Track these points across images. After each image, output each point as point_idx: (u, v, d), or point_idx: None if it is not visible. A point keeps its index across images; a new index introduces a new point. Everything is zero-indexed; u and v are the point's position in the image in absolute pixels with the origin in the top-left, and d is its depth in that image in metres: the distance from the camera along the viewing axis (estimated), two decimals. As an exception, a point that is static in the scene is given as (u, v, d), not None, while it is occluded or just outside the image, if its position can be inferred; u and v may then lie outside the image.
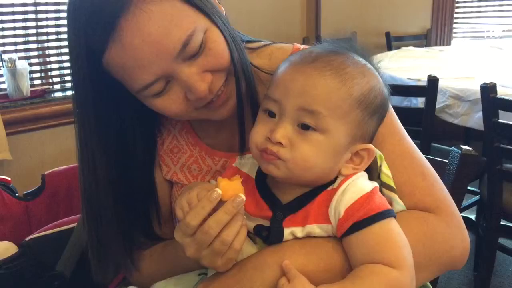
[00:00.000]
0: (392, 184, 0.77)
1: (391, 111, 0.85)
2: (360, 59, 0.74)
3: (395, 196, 0.77)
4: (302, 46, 0.90)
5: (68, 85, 2.95)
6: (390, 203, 0.75)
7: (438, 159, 1.04)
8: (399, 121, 0.87)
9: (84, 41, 0.71)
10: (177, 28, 0.70)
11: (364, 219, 0.67)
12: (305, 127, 0.69)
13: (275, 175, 0.71)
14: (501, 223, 2.12)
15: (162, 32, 0.69)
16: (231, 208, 0.67)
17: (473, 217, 2.60)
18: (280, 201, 0.74)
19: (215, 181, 0.77)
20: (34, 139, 2.65)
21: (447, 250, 0.79)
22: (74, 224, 1.30)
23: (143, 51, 0.69)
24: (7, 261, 1.27)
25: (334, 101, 0.68)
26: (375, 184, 0.72)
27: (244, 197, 0.68)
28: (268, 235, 0.73)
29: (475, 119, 2.27)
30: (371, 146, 0.73)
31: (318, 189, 0.72)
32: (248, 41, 0.93)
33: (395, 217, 0.70)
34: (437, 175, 0.84)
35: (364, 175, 0.74)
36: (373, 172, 0.76)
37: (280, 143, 0.68)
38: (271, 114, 0.71)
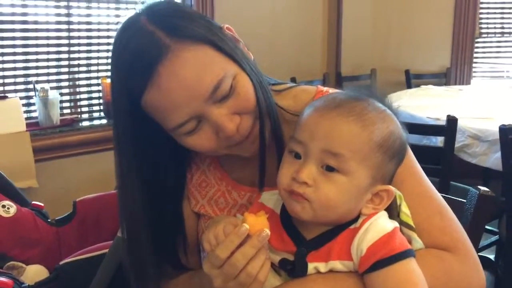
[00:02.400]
0: (411, 223, 0.80)
1: (410, 152, 0.88)
2: (380, 105, 0.78)
3: (414, 235, 0.80)
4: (325, 89, 0.94)
5: (96, 115, 3.05)
6: (409, 241, 0.78)
7: (457, 198, 1.05)
8: (417, 162, 0.90)
9: (125, 83, 0.78)
10: (209, 74, 0.75)
11: (385, 258, 0.70)
12: (329, 168, 0.72)
13: (300, 215, 0.74)
14: (520, 264, 2.11)
15: (195, 77, 0.75)
16: (256, 242, 0.70)
17: (492, 257, 2.57)
18: (304, 237, 0.77)
19: (241, 215, 0.81)
20: (62, 166, 2.73)
21: None
22: (105, 250, 1.34)
23: (178, 94, 0.75)
24: (41, 283, 1.32)
25: (356, 145, 0.72)
26: (396, 224, 0.76)
27: (269, 232, 0.71)
28: (292, 269, 0.76)
29: (493, 159, 2.28)
30: (390, 187, 0.77)
31: (341, 227, 0.76)
32: (274, 84, 0.98)
33: (414, 256, 0.73)
34: (454, 215, 0.87)
35: (385, 214, 0.77)
36: (393, 211, 0.79)
37: (306, 183, 0.72)
38: (297, 156, 0.75)
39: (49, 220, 1.73)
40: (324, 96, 0.84)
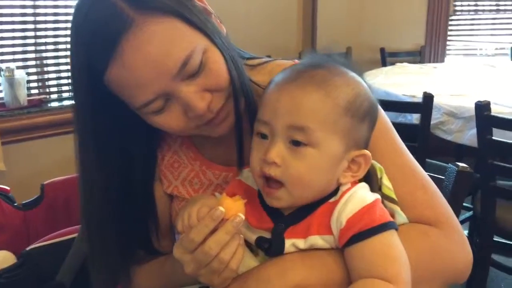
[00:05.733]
0: (394, 196, 0.78)
1: (390, 125, 0.86)
2: (343, 68, 0.74)
3: (397, 208, 0.78)
4: None
5: (65, 95, 2.97)
6: (392, 215, 0.75)
7: (435, 175, 1.05)
8: (397, 135, 0.88)
9: (86, 59, 0.72)
10: (176, 48, 0.71)
11: (364, 230, 0.68)
12: (296, 143, 0.69)
13: (279, 207, 0.73)
14: (494, 239, 2.14)
15: (162, 51, 0.70)
16: (231, 228, 0.68)
17: (466, 233, 2.61)
18: (282, 212, 0.74)
19: (219, 194, 0.78)
20: (30, 149, 2.66)
21: (450, 264, 0.80)
22: (75, 235, 1.30)
23: (143, 70, 0.70)
24: (8, 270, 1.27)
25: (321, 115, 0.69)
26: (377, 196, 0.73)
27: (243, 217, 0.69)
28: (269, 247, 0.74)
29: (468, 136, 2.29)
30: (366, 151, 0.73)
31: (320, 200, 0.73)
32: (248, 58, 0.94)
33: (396, 229, 0.71)
34: (437, 188, 0.85)
35: (366, 186, 0.75)
36: (373, 184, 0.77)
37: (275, 163, 0.69)
38: (264, 136, 0.72)
39: (15, 204, 1.67)
40: (283, 69, 0.79)
